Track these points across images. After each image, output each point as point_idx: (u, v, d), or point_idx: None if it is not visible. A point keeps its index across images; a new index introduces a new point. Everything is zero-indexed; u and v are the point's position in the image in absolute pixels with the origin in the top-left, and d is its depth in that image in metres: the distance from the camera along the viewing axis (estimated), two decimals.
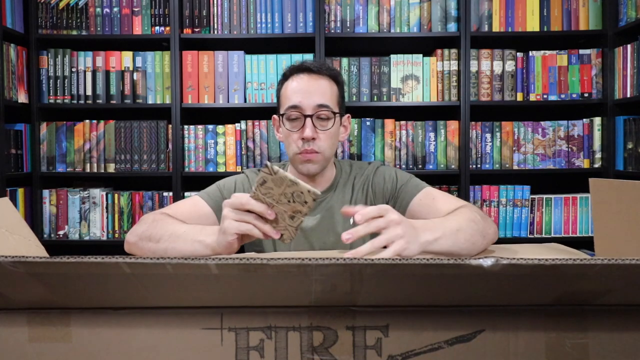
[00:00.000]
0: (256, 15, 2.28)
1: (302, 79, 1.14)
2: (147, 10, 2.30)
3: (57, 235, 2.34)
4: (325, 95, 1.13)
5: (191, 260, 0.42)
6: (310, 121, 1.11)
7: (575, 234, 2.32)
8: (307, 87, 1.13)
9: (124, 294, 0.47)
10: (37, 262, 0.42)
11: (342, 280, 0.44)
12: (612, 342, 0.49)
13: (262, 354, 0.49)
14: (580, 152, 2.32)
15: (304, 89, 1.13)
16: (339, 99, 1.18)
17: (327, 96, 1.13)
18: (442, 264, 0.42)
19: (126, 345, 0.49)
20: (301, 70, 1.16)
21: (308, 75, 1.15)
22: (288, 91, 1.14)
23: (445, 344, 0.49)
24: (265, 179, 0.76)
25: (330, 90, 1.15)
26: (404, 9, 2.29)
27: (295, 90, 1.13)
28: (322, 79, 1.15)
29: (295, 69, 1.17)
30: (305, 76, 1.14)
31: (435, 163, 2.32)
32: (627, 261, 0.39)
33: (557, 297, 0.47)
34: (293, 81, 1.15)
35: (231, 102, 2.29)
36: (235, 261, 0.43)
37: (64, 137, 2.33)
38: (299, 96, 1.12)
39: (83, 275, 0.44)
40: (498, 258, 0.42)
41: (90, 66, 2.32)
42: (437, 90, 2.30)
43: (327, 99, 1.13)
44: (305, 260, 0.42)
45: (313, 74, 1.15)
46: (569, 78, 2.31)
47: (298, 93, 1.12)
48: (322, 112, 1.12)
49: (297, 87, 1.13)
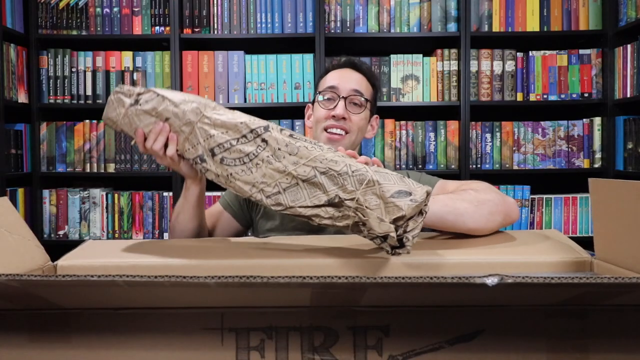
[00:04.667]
0: (256, 15, 2.28)
1: (342, 67, 1.24)
2: (147, 10, 2.30)
3: (57, 235, 2.34)
4: (361, 85, 1.21)
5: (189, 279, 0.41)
6: (343, 102, 1.17)
7: (575, 234, 2.32)
8: (347, 74, 1.22)
9: (122, 299, 0.47)
10: (32, 281, 0.42)
11: (344, 294, 0.44)
12: (612, 342, 0.49)
13: (263, 354, 0.49)
14: (580, 152, 2.32)
15: (343, 75, 1.22)
16: (372, 96, 1.25)
17: (362, 86, 1.21)
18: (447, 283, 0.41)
19: (126, 346, 0.49)
20: (344, 64, 1.25)
21: (348, 66, 1.24)
22: (328, 77, 1.23)
23: (445, 343, 0.49)
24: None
25: (366, 85, 1.23)
26: (404, 9, 2.29)
27: (335, 76, 1.22)
28: (359, 74, 1.23)
29: (339, 62, 1.26)
30: (345, 66, 1.24)
31: (435, 163, 2.32)
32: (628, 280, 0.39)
33: (559, 300, 0.47)
34: (335, 72, 1.24)
35: (231, 102, 2.29)
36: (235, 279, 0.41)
37: (64, 137, 2.33)
38: (337, 79, 1.20)
39: (81, 286, 0.44)
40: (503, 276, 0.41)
41: (90, 66, 2.32)
42: (437, 90, 2.30)
43: (362, 88, 1.21)
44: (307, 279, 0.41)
45: (354, 69, 1.24)
46: (569, 78, 2.31)
47: (337, 77, 1.21)
48: (356, 97, 1.19)
49: (337, 74, 1.23)
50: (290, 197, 0.76)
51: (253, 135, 0.80)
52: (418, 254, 0.76)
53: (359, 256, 0.77)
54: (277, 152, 0.78)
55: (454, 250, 0.80)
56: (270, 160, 0.77)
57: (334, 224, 0.75)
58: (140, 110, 0.85)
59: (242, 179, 0.79)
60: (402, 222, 0.70)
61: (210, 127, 0.82)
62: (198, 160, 0.84)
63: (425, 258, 0.75)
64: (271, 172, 0.77)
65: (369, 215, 0.70)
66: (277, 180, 0.77)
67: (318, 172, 0.75)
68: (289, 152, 0.77)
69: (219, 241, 0.99)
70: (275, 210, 0.79)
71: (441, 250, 0.79)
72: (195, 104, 0.84)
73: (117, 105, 0.87)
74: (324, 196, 0.74)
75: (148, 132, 0.86)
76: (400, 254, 0.72)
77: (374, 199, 0.71)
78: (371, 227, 0.71)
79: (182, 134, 0.84)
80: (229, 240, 0.95)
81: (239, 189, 0.80)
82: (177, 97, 0.85)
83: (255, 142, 0.80)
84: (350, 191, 0.72)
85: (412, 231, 0.71)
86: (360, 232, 0.74)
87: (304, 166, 0.75)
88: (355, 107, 1.19)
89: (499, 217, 0.90)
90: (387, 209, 0.70)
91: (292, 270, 0.72)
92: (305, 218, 0.76)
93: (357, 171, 0.73)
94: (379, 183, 0.71)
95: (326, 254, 0.77)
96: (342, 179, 0.73)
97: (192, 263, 0.75)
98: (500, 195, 0.96)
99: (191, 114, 0.83)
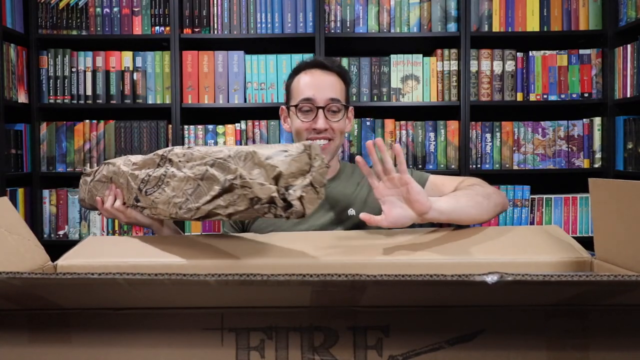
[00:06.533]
0: (256, 15, 2.28)
1: (314, 74, 1.22)
2: (147, 10, 2.30)
3: (57, 235, 2.34)
4: (336, 90, 1.21)
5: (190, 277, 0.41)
6: (323, 113, 1.18)
7: (575, 234, 2.32)
8: (320, 81, 1.20)
9: (123, 298, 0.47)
10: (33, 279, 0.42)
11: (344, 292, 0.44)
12: (612, 342, 0.49)
13: (263, 354, 0.49)
14: (580, 152, 2.32)
15: (317, 83, 1.20)
16: (346, 95, 1.26)
17: (337, 91, 1.21)
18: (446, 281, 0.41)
19: (126, 347, 0.49)
20: (313, 65, 1.23)
21: (320, 70, 1.22)
22: (301, 84, 1.21)
23: (445, 343, 0.49)
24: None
25: (339, 86, 1.23)
26: (404, 9, 2.29)
27: (308, 84, 1.20)
28: (333, 75, 1.22)
29: (308, 63, 1.24)
30: (317, 71, 1.22)
31: (435, 163, 2.32)
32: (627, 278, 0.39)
33: (559, 299, 0.47)
34: (305, 75, 1.22)
35: (231, 102, 2.29)
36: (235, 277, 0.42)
37: (64, 137, 2.33)
38: (312, 90, 1.19)
39: (81, 285, 0.44)
40: (502, 274, 0.41)
41: (90, 66, 2.32)
42: (437, 90, 2.30)
43: (337, 94, 1.21)
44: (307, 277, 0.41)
45: (325, 70, 1.22)
46: (569, 78, 2.31)
47: (311, 87, 1.20)
48: (334, 105, 1.20)
49: (309, 81, 1.21)
50: (195, 199, 0.78)
51: (162, 160, 0.85)
52: (418, 255, 0.76)
53: (359, 256, 0.77)
54: (179, 164, 0.81)
55: (454, 250, 0.80)
56: (175, 174, 0.81)
57: (236, 210, 0.74)
58: (95, 181, 1.00)
59: (160, 200, 0.83)
60: (283, 181, 0.70)
61: (136, 169, 0.90)
62: (134, 202, 0.90)
63: (425, 259, 0.75)
64: (177, 184, 0.80)
65: (253, 185, 0.71)
66: (183, 188, 0.79)
67: (208, 166, 0.77)
68: (187, 160, 0.80)
69: (219, 238, 0.99)
70: (189, 218, 0.80)
71: (441, 251, 0.79)
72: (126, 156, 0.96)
73: (83, 186, 1.04)
74: (217, 186, 0.75)
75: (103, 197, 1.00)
76: (293, 215, 0.70)
77: (255, 169, 0.72)
78: (256, 195, 0.71)
79: (122, 186, 0.94)
80: (230, 237, 0.95)
81: (161, 211, 0.84)
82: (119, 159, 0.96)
83: (163, 165, 0.84)
84: (234, 170, 0.73)
85: (295, 188, 0.70)
86: (260, 209, 0.72)
87: (197, 166, 0.78)
88: (334, 114, 1.21)
89: (500, 208, 1.04)
90: (267, 173, 0.71)
91: (292, 270, 0.72)
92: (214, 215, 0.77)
93: (238, 151, 0.75)
94: (255, 152, 0.72)
95: (327, 254, 0.77)
96: (227, 163, 0.74)
97: (193, 263, 0.75)
98: (495, 188, 1.09)
99: (124, 166, 0.92)
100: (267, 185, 0.70)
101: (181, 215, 0.80)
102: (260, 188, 0.70)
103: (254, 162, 0.72)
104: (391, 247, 0.80)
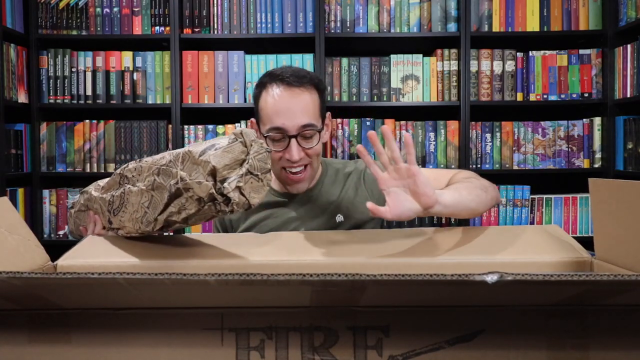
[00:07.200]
0: (256, 15, 2.28)
1: (282, 96, 1.06)
2: (147, 10, 2.30)
3: (57, 235, 2.34)
4: (309, 112, 1.07)
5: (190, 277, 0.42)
6: (295, 141, 1.06)
7: (575, 234, 2.32)
8: (290, 105, 1.06)
9: (123, 298, 0.47)
10: (34, 279, 0.42)
11: (344, 292, 0.44)
12: (612, 342, 0.49)
13: (263, 354, 0.49)
14: (580, 152, 2.32)
15: (286, 108, 1.06)
16: (321, 109, 1.12)
17: (310, 113, 1.07)
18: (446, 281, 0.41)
19: (126, 347, 0.49)
20: (280, 82, 1.08)
21: (288, 90, 1.07)
22: (269, 109, 1.08)
23: (445, 343, 0.49)
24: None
25: (312, 105, 1.08)
26: (404, 9, 2.29)
27: (277, 111, 1.06)
28: (303, 93, 1.07)
29: (274, 79, 1.09)
30: (285, 92, 1.07)
31: (436, 163, 2.32)
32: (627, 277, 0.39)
33: (559, 299, 0.47)
34: (273, 96, 1.07)
35: (231, 102, 2.29)
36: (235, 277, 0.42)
37: (64, 137, 2.33)
38: (281, 117, 1.05)
39: (81, 285, 0.44)
40: (502, 274, 0.41)
41: (90, 66, 2.32)
42: (437, 90, 2.30)
43: (310, 116, 1.07)
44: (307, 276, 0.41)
45: (294, 88, 1.07)
46: (569, 78, 2.31)
47: (280, 114, 1.06)
48: (307, 131, 1.07)
49: (279, 107, 1.06)
50: (153, 211, 0.77)
51: (121, 178, 0.85)
52: (418, 255, 0.76)
53: (359, 257, 0.77)
54: (133, 180, 0.81)
55: (454, 250, 0.80)
56: (131, 190, 0.81)
57: (188, 214, 0.73)
58: (77, 212, 1.02)
59: (125, 219, 0.83)
60: (219, 175, 0.69)
61: (104, 192, 0.90)
62: (109, 224, 0.90)
63: (425, 259, 0.75)
64: (135, 199, 0.80)
65: (193, 185, 0.69)
66: (140, 202, 0.79)
67: (155, 175, 0.76)
68: (138, 173, 0.80)
69: (219, 238, 0.99)
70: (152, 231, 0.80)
71: (441, 252, 0.79)
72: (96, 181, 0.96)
73: (69, 218, 1.07)
74: (166, 193, 0.74)
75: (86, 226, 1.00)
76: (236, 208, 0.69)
77: (193, 168, 0.71)
78: (197, 195, 0.69)
79: (98, 211, 0.94)
80: (230, 236, 0.95)
81: (130, 229, 0.84)
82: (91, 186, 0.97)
83: (122, 183, 0.85)
84: (175, 174, 0.72)
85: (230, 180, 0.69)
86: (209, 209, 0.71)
87: (147, 178, 0.78)
88: (308, 140, 1.08)
89: (495, 202, 1.05)
90: (203, 170, 0.69)
91: (292, 270, 0.72)
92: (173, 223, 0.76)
93: (177, 154, 0.74)
94: (190, 152, 0.71)
95: (326, 254, 0.77)
96: (170, 169, 0.74)
97: (193, 263, 0.75)
98: (488, 181, 1.08)
99: (94, 192, 0.93)
100: (204, 183, 0.69)
101: (144, 229, 0.79)
102: (199, 187, 0.69)
103: (192, 162, 0.71)
104: (391, 247, 0.80)
